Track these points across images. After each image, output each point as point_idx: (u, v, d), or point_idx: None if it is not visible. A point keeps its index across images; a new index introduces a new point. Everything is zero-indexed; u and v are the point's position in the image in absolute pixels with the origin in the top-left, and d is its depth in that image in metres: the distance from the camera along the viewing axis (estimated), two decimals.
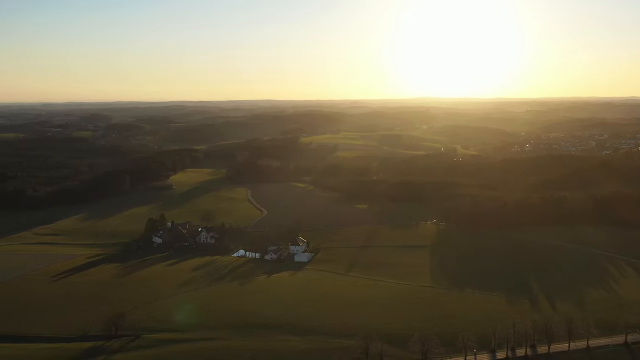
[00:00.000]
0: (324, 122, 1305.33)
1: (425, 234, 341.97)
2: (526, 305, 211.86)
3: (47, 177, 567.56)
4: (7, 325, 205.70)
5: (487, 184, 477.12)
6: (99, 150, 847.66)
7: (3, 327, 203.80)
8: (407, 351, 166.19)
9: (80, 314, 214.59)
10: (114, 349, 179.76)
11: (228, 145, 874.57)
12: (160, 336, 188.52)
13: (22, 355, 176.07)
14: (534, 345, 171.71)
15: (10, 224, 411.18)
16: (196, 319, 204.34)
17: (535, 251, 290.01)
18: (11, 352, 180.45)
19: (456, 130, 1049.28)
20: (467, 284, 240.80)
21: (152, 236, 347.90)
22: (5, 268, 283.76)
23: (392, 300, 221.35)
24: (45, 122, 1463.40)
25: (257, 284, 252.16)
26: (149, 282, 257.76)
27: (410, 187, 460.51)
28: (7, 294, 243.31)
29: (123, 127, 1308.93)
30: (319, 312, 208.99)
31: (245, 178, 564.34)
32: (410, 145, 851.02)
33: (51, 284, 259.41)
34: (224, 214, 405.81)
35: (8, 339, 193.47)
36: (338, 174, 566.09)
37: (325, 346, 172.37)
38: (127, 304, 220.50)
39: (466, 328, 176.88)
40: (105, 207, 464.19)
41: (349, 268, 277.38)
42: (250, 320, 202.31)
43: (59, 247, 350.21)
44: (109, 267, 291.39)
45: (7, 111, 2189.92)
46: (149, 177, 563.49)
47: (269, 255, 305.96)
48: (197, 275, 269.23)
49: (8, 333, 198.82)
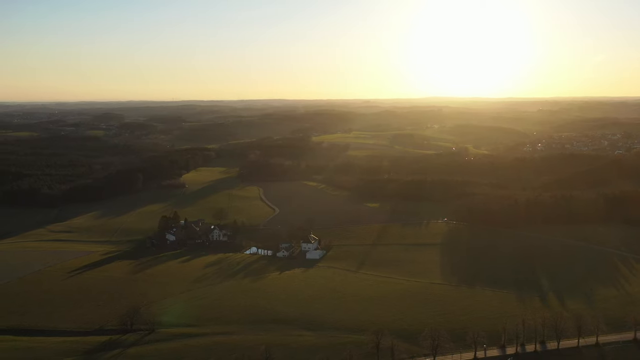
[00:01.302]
0: (335, 121, 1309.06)
1: (436, 232, 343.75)
2: (536, 303, 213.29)
3: (61, 176, 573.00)
4: (25, 320, 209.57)
5: (499, 183, 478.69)
6: (112, 149, 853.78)
7: (21, 321, 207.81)
8: (417, 346, 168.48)
9: (96, 309, 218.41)
10: (130, 343, 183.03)
11: (240, 144, 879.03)
12: (175, 330, 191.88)
13: (40, 348, 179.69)
14: (543, 341, 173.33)
15: (25, 221, 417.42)
16: (210, 314, 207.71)
17: (546, 249, 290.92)
18: (29, 344, 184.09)
19: (468, 129, 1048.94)
20: (478, 282, 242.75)
21: (165, 233, 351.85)
22: (22, 264, 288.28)
23: (402, 297, 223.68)
24: (58, 121, 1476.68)
25: (270, 281, 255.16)
26: (163, 278, 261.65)
27: (422, 185, 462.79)
28: (24, 289, 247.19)
29: (135, 126, 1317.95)
30: (330, 308, 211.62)
31: (257, 177, 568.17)
32: (421, 145, 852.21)
33: (67, 279, 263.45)
34: (236, 212, 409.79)
35: (26, 333, 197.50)
36: (349, 172, 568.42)
37: (337, 341, 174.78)
38: (142, 299, 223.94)
39: (476, 324, 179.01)
40: (119, 205, 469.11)
41: (360, 265, 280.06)
42: (263, 315, 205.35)
43: (74, 244, 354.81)
44: (123, 263, 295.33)
45: (20, 110, 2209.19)
46: (161, 176, 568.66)
47: (281, 253, 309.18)
48: (210, 272, 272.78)
49: (26, 327, 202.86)
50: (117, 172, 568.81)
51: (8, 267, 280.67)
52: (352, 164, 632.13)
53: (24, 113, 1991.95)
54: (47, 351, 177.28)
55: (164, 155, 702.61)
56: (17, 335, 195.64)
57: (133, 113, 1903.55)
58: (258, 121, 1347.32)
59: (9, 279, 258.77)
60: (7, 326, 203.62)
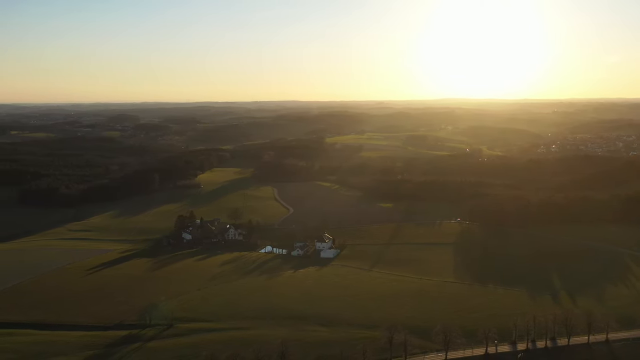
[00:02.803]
0: (348, 122, 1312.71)
1: (449, 232, 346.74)
2: (547, 301, 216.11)
3: (78, 176, 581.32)
4: (46, 314, 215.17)
5: (512, 183, 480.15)
6: (128, 150, 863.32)
7: (43, 316, 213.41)
8: (430, 341, 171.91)
9: (115, 305, 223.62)
10: (149, 337, 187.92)
11: (254, 145, 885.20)
12: (193, 325, 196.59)
13: (63, 342, 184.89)
14: (554, 337, 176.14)
15: (45, 220, 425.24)
16: (227, 310, 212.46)
17: (559, 249, 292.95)
18: (51, 338, 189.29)
19: (481, 131, 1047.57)
20: (490, 280, 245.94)
21: (181, 232, 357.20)
22: (43, 262, 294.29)
23: (415, 295, 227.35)
24: (74, 122, 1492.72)
25: (285, 278, 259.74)
26: (180, 276, 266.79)
27: (435, 186, 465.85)
28: (45, 285, 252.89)
29: (151, 127, 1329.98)
30: (344, 305, 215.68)
31: (271, 177, 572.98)
32: (434, 146, 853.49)
33: (86, 276, 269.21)
34: (251, 211, 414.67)
35: (48, 327, 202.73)
36: (363, 173, 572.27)
37: (351, 336, 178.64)
38: (160, 295, 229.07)
39: (487, 321, 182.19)
40: (135, 205, 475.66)
41: (374, 264, 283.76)
42: (279, 312, 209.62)
43: (92, 242, 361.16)
44: (140, 261, 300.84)
45: (37, 111, 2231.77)
46: (177, 176, 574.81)
47: (296, 252, 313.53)
48: (226, 270, 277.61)
49: (48, 321, 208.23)
50: (133, 173, 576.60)
51: (29, 265, 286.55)
52: (366, 164, 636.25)
53: (40, 114, 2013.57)
54: (69, 344, 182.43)
55: (179, 156, 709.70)
56: (40, 329, 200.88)
57: (148, 114, 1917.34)
58: (272, 122, 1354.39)
59: (30, 276, 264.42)
60: (30, 321, 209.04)
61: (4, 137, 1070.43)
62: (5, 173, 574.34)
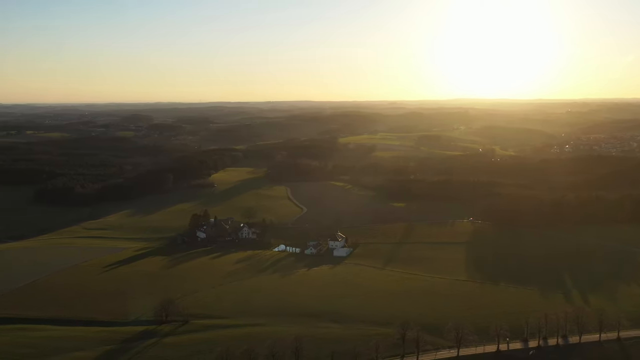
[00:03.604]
0: (361, 122, 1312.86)
1: (462, 231, 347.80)
2: (559, 299, 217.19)
3: (93, 175, 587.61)
4: (64, 311, 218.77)
5: (525, 183, 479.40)
6: (142, 150, 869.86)
7: (60, 312, 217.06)
8: (442, 338, 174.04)
9: (131, 301, 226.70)
10: (165, 333, 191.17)
11: (267, 145, 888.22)
12: (208, 322, 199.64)
13: (81, 337, 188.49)
14: (565, 335, 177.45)
15: (60, 219, 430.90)
16: (241, 306, 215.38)
17: (571, 248, 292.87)
18: (69, 334, 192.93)
19: (495, 131, 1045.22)
20: (502, 279, 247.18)
21: (196, 231, 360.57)
22: (59, 259, 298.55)
23: (427, 293, 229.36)
24: (88, 122, 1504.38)
25: (298, 276, 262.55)
26: (195, 273, 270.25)
27: (448, 186, 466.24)
28: (62, 282, 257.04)
29: (164, 127, 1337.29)
30: (357, 303, 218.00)
31: (284, 177, 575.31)
32: (448, 146, 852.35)
33: (103, 274, 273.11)
34: (264, 210, 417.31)
35: (66, 323, 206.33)
36: (376, 173, 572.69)
37: (364, 333, 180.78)
38: (176, 292, 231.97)
39: (499, 318, 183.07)
40: (150, 204, 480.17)
41: (386, 262, 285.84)
42: (292, 309, 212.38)
43: (107, 240, 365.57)
44: (155, 259, 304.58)
45: (51, 111, 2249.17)
46: (191, 176, 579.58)
47: (309, 250, 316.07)
48: (240, 268, 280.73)
49: (66, 317, 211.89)
50: (147, 172, 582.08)
51: (46, 262, 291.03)
52: (379, 164, 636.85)
53: (55, 114, 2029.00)
54: (87, 340, 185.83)
55: (192, 156, 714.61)
56: (58, 325, 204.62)
57: (161, 114, 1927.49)
58: (285, 122, 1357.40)
59: (47, 273, 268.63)
60: (48, 317, 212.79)
61: (20, 137, 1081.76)
62: (22, 172, 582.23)
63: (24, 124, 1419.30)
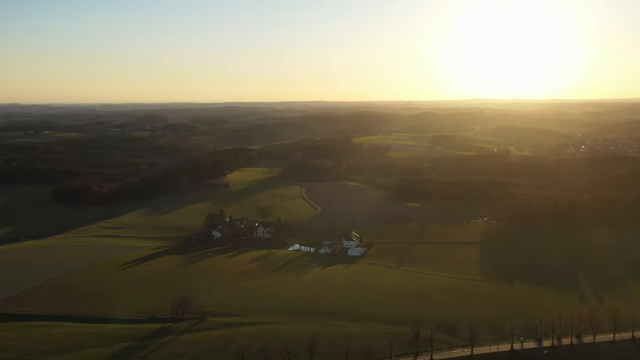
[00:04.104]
0: (375, 123, 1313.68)
1: (476, 231, 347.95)
2: (574, 299, 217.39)
3: (110, 175, 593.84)
4: (82, 308, 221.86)
5: (540, 184, 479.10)
6: (157, 150, 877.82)
7: (79, 309, 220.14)
8: (456, 337, 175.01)
9: (148, 299, 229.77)
10: (181, 330, 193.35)
11: (281, 145, 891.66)
12: (224, 319, 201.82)
13: (99, 333, 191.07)
14: (579, 335, 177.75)
15: (77, 218, 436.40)
16: (256, 305, 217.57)
17: (586, 249, 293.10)
18: (87, 330, 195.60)
19: (510, 131, 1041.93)
20: (516, 279, 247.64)
21: (211, 230, 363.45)
22: (76, 258, 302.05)
23: (441, 292, 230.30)
24: (104, 123, 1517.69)
25: (313, 275, 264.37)
26: (211, 272, 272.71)
27: (462, 186, 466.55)
28: (80, 280, 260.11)
29: (179, 127, 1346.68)
30: (371, 301, 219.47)
31: (299, 177, 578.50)
32: (462, 146, 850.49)
33: (119, 272, 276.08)
34: (279, 210, 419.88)
35: (84, 320, 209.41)
36: (390, 173, 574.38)
37: (378, 331, 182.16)
38: (192, 290, 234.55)
39: (513, 317, 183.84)
40: (166, 203, 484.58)
41: (401, 262, 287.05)
42: (307, 307, 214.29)
43: (124, 239, 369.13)
44: (171, 258, 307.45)
45: (68, 112, 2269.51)
46: (206, 175, 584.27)
47: (324, 249, 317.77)
48: (255, 267, 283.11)
49: (84, 314, 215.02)
50: (163, 172, 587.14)
51: (64, 261, 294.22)
52: (393, 164, 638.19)
53: (71, 114, 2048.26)
54: (105, 336, 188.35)
55: (208, 156, 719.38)
56: (76, 322, 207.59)
57: (176, 115, 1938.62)
58: (299, 123, 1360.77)
59: (65, 272, 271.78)
60: (67, 314, 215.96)
61: (37, 137, 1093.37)
62: (40, 172, 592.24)
63: (42, 124, 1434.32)
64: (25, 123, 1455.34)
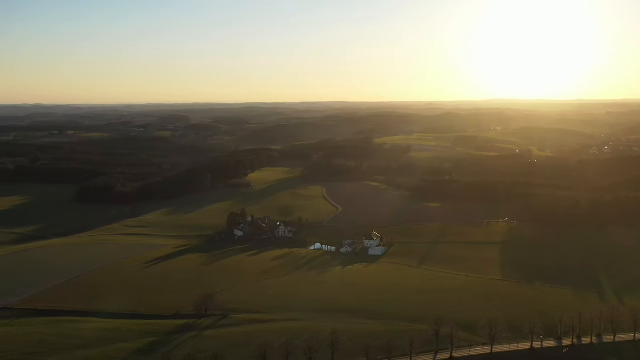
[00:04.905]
0: (397, 123, 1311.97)
1: (497, 231, 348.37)
2: (594, 299, 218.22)
3: (133, 174, 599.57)
4: (108, 304, 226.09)
5: (562, 184, 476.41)
6: (180, 150, 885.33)
7: (105, 306, 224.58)
8: (475, 335, 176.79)
9: (173, 296, 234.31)
10: (205, 326, 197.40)
11: (303, 145, 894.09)
12: (247, 316, 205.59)
13: (125, 329, 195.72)
14: (599, 334, 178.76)
15: (101, 217, 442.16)
16: (278, 302, 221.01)
17: (608, 249, 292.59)
18: (113, 326, 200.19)
19: (532, 132, 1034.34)
20: (537, 278, 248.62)
21: (233, 229, 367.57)
22: (102, 255, 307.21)
23: (462, 291, 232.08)
24: (127, 123, 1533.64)
25: (334, 274, 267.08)
26: (233, 270, 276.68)
27: (483, 186, 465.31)
28: (105, 278, 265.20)
29: (201, 127, 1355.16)
30: (392, 300, 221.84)
31: (320, 177, 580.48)
32: (484, 147, 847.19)
33: (143, 269, 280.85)
34: (300, 210, 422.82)
35: (110, 316, 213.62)
36: (411, 173, 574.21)
37: (398, 329, 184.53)
38: (215, 287, 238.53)
39: (533, 316, 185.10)
40: (188, 203, 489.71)
41: (421, 261, 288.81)
42: (328, 305, 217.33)
43: (147, 238, 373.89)
44: (194, 256, 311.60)
45: (91, 112, 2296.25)
46: (228, 175, 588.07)
47: (345, 249, 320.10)
48: (277, 265, 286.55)
49: (110, 310, 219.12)
50: (185, 172, 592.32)
51: (89, 258, 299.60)
52: (414, 165, 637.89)
53: (95, 115, 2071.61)
54: (131, 331, 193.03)
55: (230, 156, 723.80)
56: (102, 317, 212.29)
57: (198, 115, 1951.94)
58: (320, 123, 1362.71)
59: (91, 269, 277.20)
60: (92, 310, 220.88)
61: (62, 137, 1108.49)
62: (65, 171, 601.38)
63: (66, 124, 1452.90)
64: (49, 123, 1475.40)
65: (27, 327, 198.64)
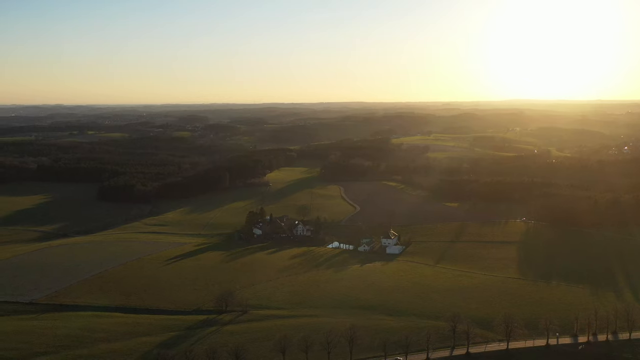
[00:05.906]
0: (414, 123, 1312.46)
1: (514, 231, 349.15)
2: (610, 297, 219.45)
3: (153, 174, 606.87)
4: (130, 300, 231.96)
5: (581, 184, 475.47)
6: (199, 149, 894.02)
7: (127, 301, 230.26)
8: (492, 332, 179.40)
9: (193, 292, 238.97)
10: (225, 322, 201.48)
11: (320, 145, 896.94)
12: (266, 312, 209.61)
13: (147, 324, 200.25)
14: (615, 331, 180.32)
15: (123, 215, 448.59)
16: (297, 299, 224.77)
17: (625, 249, 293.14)
18: (137, 320, 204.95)
19: (551, 132, 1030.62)
20: (554, 277, 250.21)
21: (252, 228, 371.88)
22: (123, 253, 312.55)
23: (478, 289, 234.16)
24: (146, 123, 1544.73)
25: (352, 272, 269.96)
26: (252, 267, 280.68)
27: (501, 186, 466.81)
28: (128, 274, 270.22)
29: (220, 127, 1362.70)
30: (409, 297, 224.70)
31: (337, 176, 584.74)
32: (502, 147, 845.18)
33: (165, 266, 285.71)
34: (318, 209, 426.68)
35: (132, 311, 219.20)
36: (429, 173, 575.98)
37: (415, 325, 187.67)
38: (235, 284, 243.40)
39: (549, 314, 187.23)
40: (207, 202, 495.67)
41: (438, 260, 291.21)
42: (346, 302, 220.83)
43: (168, 236, 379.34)
44: (214, 254, 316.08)
45: (111, 112, 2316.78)
46: (246, 175, 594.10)
47: (362, 247, 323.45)
48: (295, 263, 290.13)
49: (132, 306, 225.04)
50: (205, 171, 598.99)
51: (112, 255, 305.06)
52: (432, 165, 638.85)
53: (114, 115, 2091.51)
54: (153, 326, 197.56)
55: (248, 156, 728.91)
56: (125, 312, 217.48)
57: (216, 115, 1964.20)
58: (338, 123, 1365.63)
59: (113, 265, 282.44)
60: (116, 305, 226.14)
61: (82, 137, 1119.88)
62: (86, 171, 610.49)
63: (86, 124, 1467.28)
64: (70, 123, 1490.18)
65: (52, 322, 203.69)
